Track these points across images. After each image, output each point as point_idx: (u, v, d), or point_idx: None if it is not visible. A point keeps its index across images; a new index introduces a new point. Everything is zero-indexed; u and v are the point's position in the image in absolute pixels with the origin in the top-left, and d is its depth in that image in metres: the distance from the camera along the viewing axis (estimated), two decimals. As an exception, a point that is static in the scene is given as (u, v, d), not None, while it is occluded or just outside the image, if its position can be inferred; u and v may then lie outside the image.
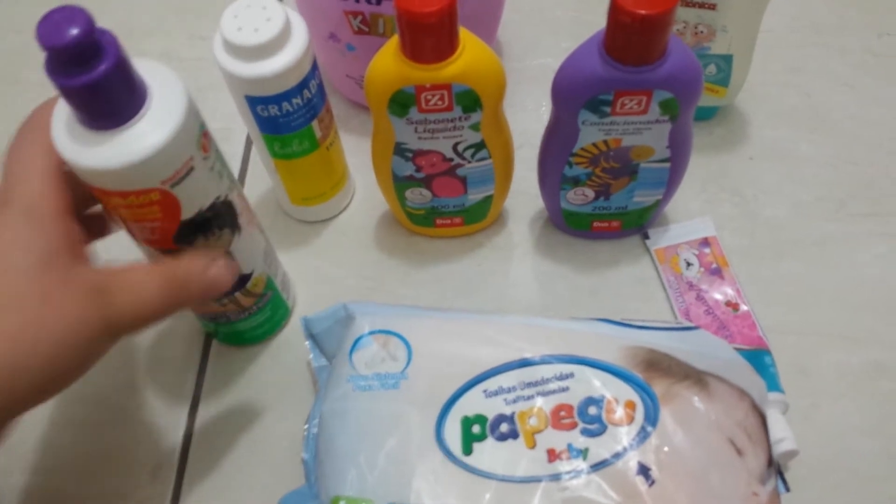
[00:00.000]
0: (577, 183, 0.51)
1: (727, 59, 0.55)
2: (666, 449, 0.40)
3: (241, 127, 0.62)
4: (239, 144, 0.63)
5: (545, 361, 0.44)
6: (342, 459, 0.42)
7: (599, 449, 0.41)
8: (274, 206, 0.59)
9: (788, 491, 0.42)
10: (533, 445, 0.41)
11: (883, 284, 0.53)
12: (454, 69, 0.42)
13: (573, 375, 0.43)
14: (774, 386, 0.47)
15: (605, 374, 0.43)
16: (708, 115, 0.60)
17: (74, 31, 0.31)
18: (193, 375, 0.53)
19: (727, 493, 0.40)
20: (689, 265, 0.53)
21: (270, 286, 0.49)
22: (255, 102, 0.47)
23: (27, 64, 0.67)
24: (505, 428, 0.42)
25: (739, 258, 0.54)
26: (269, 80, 0.45)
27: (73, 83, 0.33)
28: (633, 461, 0.40)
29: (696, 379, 0.43)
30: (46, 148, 0.36)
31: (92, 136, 0.35)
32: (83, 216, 0.40)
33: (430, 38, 0.41)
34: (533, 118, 0.62)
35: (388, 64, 0.43)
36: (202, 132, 0.39)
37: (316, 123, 0.50)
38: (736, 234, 0.55)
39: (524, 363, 0.44)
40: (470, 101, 0.44)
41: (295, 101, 0.47)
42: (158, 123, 0.35)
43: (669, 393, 0.42)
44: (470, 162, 0.49)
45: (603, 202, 0.52)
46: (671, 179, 0.50)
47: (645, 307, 0.53)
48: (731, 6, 0.51)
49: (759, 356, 0.48)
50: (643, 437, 0.41)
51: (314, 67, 0.48)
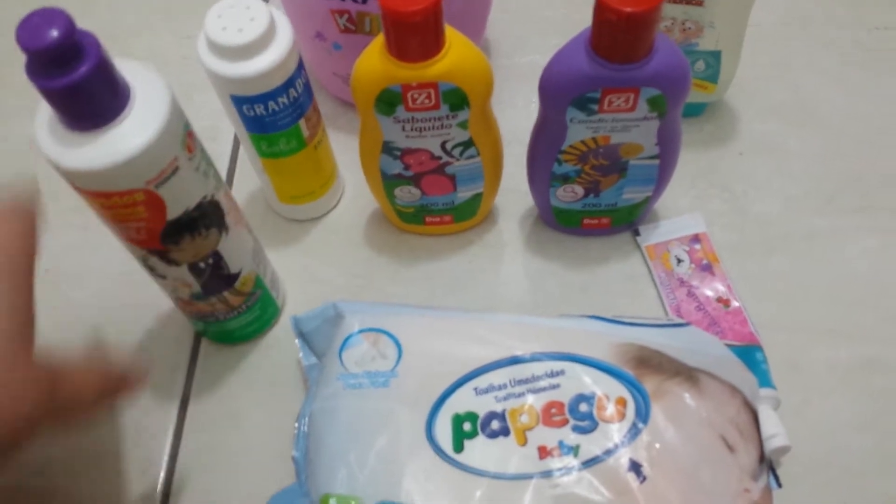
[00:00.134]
0: (566, 180, 0.51)
1: (715, 55, 0.55)
2: (657, 446, 0.40)
3: (228, 126, 0.61)
4: (227, 143, 0.62)
5: (536, 359, 0.44)
6: (332, 458, 0.42)
7: (591, 446, 0.41)
8: (263, 204, 0.59)
9: (780, 487, 0.42)
10: (524, 443, 0.41)
11: (873, 279, 0.53)
12: (440, 68, 0.42)
13: (564, 373, 0.43)
14: (766, 382, 0.47)
15: (595, 371, 0.43)
16: (697, 111, 0.60)
17: (54, 33, 0.31)
18: (183, 374, 0.52)
19: (719, 489, 0.40)
20: (679, 261, 0.53)
21: (259, 285, 0.49)
22: (240, 102, 0.46)
23: (11, 66, 0.66)
24: (496, 425, 0.42)
25: (730, 254, 0.54)
26: (253, 79, 0.45)
27: (53, 85, 0.32)
28: (624, 458, 0.40)
29: (687, 375, 0.43)
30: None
31: (75, 137, 0.35)
32: None
33: (415, 36, 0.41)
34: (522, 115, 0.61)
35: (373, 63, 0.43)
36: (186, 132, 0.38)
37: (303, 122, 0.49)
38: (726, 229, 0.55)
39: (515, 361, 0.44)
40: (457, 99, 0.44)
41: (281, 100, 0.47)
42: (142, 124, 0.35)
43: (660, 390, 0.42)
44: (458, 160, 0.49)
45: (593, 199, 0.52)
46: (661, 176, 0.50)
47: (635, 304, 0.53)
48: (718, 2, 0.51)
49: (750, 352, 0.48)
50: (634, 433, 0.41)
51: (300, 66, 0.47)
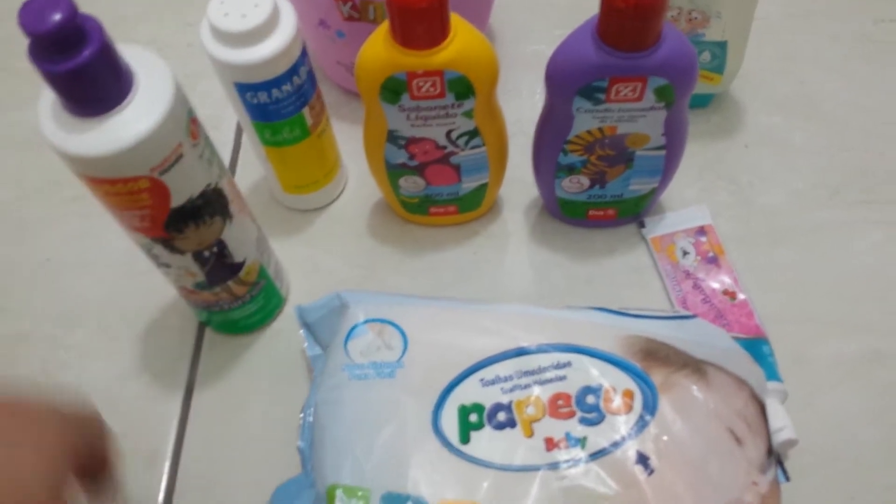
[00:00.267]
0: (571, 171, 0.50)
1: (722, 45, 0.54)
2: (665, 438, 0.40)
3: (231, 114, 0.61)
4: (229, 132, 0.62)
5: (542, 350, 0.43)
6: (338, 448, 0.42)
7: (598, 438, 0.41)
8: (266, 194, 0.58)
9: (788, 480, 0.42)
10: (531, 434, 0.41)
11: (879, 272, 0.53)
12: (446, 55, 0.42)
13: (570, 364, 0.43)
14: (773, 375, 0.47)
15: (602, 363, 0.43)
16: (703, 102, 0.60)
17: (57, 16, 0.31)
18: (187, 364, 0.52)
19: (726, 482, 0.40)
20: (685, 254, 0.53)
21: (263, 275, 0.49)
22: (244, 89, 0.46)
23: (13, 52, 0.66)
24: (502, 417, 0.42)
25: (736, 246, 0.54)
26: (257, 66, 0.44)
27: (56, 69, 0.32)
28: (631, 450, 0.40)
29: (694, 368, 0.42)
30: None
31: (78, 122, 0.34)
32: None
33: (421, 23, 0.40)
34: (527, 105, 0.61)
35: (378, 50, 0.43)
36: (190, 119, 0.38)
37: (307, 111, 0.49)
38: (732, 222, 0.55)
39: (521, 352, 0.43)
40: (463, 87, 0.44)
41: (285, 87, 0.46)
42: (146, 110, 0.35)
43: (668, 382, 0.42)
44: (463, 150, 0.49)
45: (598, 190, 0.52)
46: (667, 167, 0.50)
47: (641, 296, 0.53)
48: (726, -9, 0.51)
49: (757, 345, 0.48)
50: (642, 426, 0.41)
51: (304, 54, 0.47)
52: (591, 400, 0.42)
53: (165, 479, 0.48)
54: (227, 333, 0.53)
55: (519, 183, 0.56)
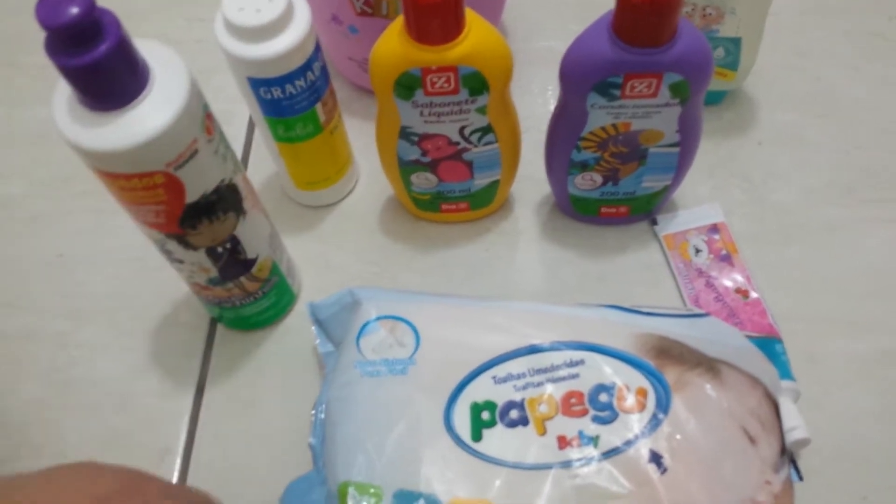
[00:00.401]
0: (584, 168, 0.50)
1: (736, 41, 0.54)
2: (678, 437, 0.40)
3: (242, 110, 0.61)
4: (241, 129, 0.62)
5: (555, 348, 0.43)
6: (350, 445, 0.42)
7: (611, 436, 0.40)
8: (277, 190, 0.58)
9: (801, 479, 0.42)
10: (543, 432, 0.41)
11: (892, 271, 0.52)
12: (461, 51, 0.42)
13: (583, 362, 0.43)
14: (786, 374, 0.46)
15: (615, 361, 0.42)
16: (716, 99, 0.59)
17: (74, 10, 0.31)
18: (198, 360, 0.52)
19: (740, 481, 0.40)
20: (698, 251, 0.53)
21: (276, 271, 0.49)
22: (257, 84, 0.46)
23: (23, 47, 0.66)
24: (515, 414, 0.42)
25: (749, 244, 0.53)
26: (272, 61, 0.44)
27: (73, 63, 0.32)
28: (644, 449, 0.40)
29: (708, 366, 0.42)
30: None
31: (94, 117, 0.34)
32: None
33: (436, 18, 0.40)
34: (539, 102, 0.61)
35: (393, 46, 0.42)
36: (206, 114, 0.38)
37: (320, 106, 0.49)
38: (745, 219, 0.55)
39: (533, 350, 0.43)
40: (477, 83, 0.43)
41: (298, 83, 0.46)
42: (162, 105, 0.35)
43: (681, 380, 0.42)
44: (476, 146, 0.48)
45: (611, 187, 0.51)
46: (680, 164, 0.50)
47: (653, 294, 0.53)
48: (741, -12, 0.50)
49: (769, 344, 0.48)
50: (655, 424, 0.40)
51: (317, 49, 0.47)
52: (604, 398, 0.42)
53: (176, 475, 0.48)
54: (238, 330, 0.53)
55: (530, 180, 0.56)
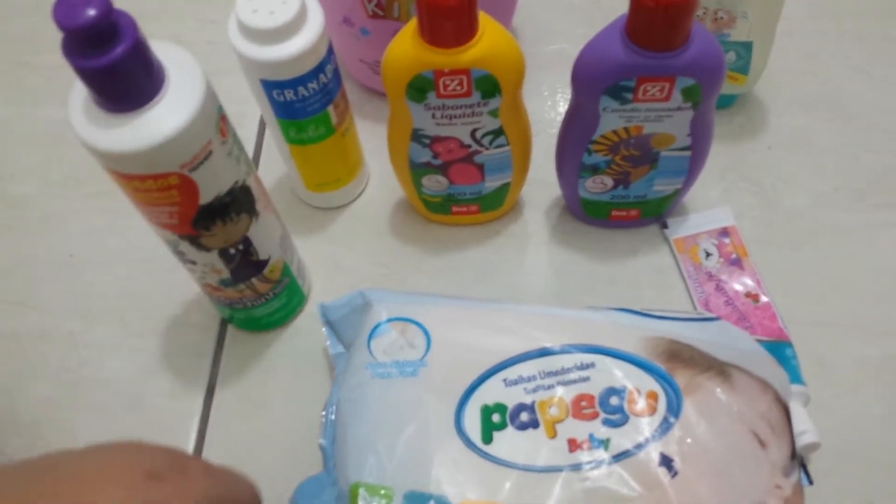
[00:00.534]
0: (595, 171, 0.50)
1: (747, 45, 0.54)
2: (689, 440, 0.40)
3: (253, 112, 0.61)
4: (251, 131, 0.62)
5: (565, 351, 0.43)
6: (361, 446, 0.42)
7: (621, 439, 0.40)
8: (288, 191, 0.58)
9: (811, 484, 0.42)
10: (554, 435, 0.41)
11: (903, 275, 0.52)
12: (474, 53, 0.42)
13: (594, 365, 0.43)
14: (796, 378, 0.46)
15: (626, 364, 0.42)
16: (727, 103, 0.59)
17: (92, 11, 0.31)
18: (209, 361, 0.52)
19: (750, 485, 0.40)
20: (708, 255, 0.53)
21: (287, 273, 0.49)
22: (270, 87, 0.46)
23: (33, 47, 0.66)
24: (525, 417, 0.42)
25: (759, 248, 0.53)
26: (285, 63, 0.44)
27: (90, 65, 0.32)
28: (655, 452, 0.40)
29: (718, 370, 0.42)
30: None
31: (110, 118, 0.34)
32: None
33: (450, 21, 0.40)
34: (549, 105, 0.61)
35: (406, 48, 0.43)
36: (220, 116, 0.38)
37: (332, 108, 0.49)
38: (755, 223, 0.55)
39: (544, 352, 0.43)
40: (489, 86, 0.43)
41: (311, 85, 0.46)
42: (177, 106, 0.35)
43: (692, 384, 0.42)
44: (488, 149, 0.48)
45: (622, 191, 0.51)
46: (691, 168, 0.50)
47: (663, 297, 0.53)
48: (753, -9, 0.50)
49: (780, 348, 0.48)
50: (666, 428, 0.40)
51: (330, 51, 0.47)
52: (614, 401, 0.42)
53: (187, 475, 0.48)
54: (249, 331, 0.53)
55: (540, 183, 0.56)
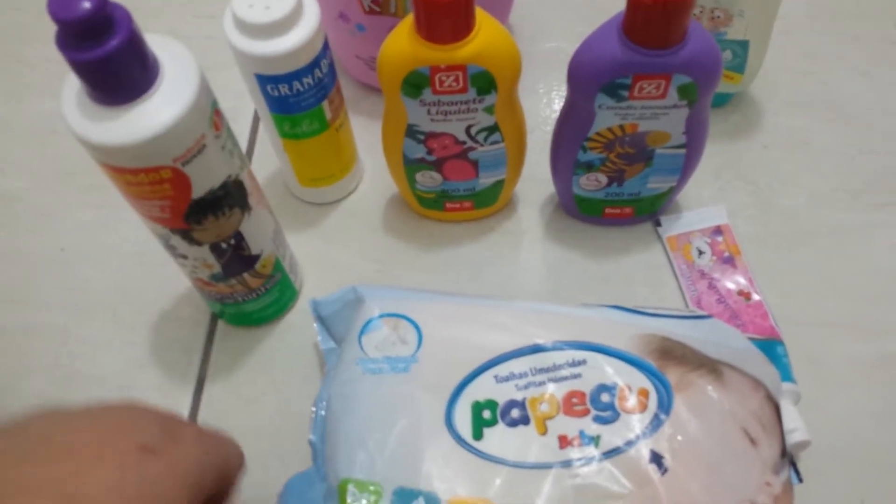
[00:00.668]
0: (590, 168, 0.50)
1: (743, 44, 0.54)
2: (679, 437, 0.40)
3: (247, 107, 0.61)
4: (245, 125, 0.62)
5: (557, 348, 0.43)
6: (351, 442, 0.42)
7: (612, 436, 0.40)
8: (281, 186, 0.58)
9: (801, 482, 0.42)
10: (544, 432, 0.41)
11: (894, 274, 0.52)
12: (470, 50, 0.42)
13: (586, 362, 0.43)
14: (787, 376, 0.46)
15: (618, 361, 0.42)
16: (722, 101, 0.59)
17: (87, 4, 0.31)
18: (198, 356, 0.52)
19: (740, 482, 0.40)
20: (701, 253, 0.53)
21: (279, 268, 0.49)
22: (265, 81, 0.46)
23: (28, 41, 0.66)
24: (516, 414, 0.42)
25: (752, 247, 0.53)
26: (280, 58, 0.44)
27: (84, 57, 0.32)
28: (645, 449, 0.40)
29: (710, 368, 0.42)
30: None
31: (103, 111, 0.34)
32: None
33: (446, 17, 0.40)
34: (544, 102, 0.61)
35: (402, 44, 0.42)
36: (214, 110, 0.38)
37: (326, 104, 0.49)
38: (749, 222, 0.55)
39: (536, 349, 0.43)
40: (485, 82, 0.43)
41: (306, 80, 0.46)
42: (171, 100, 0.35)
43: (683, 381, 0.42)
44: (482, 145, 0.48)
45: (616, 188, 0.51)
46: (686, 166, 0.50)
47: (656, 295, 0.53)
48: (749, -10, 0.50)
49: (771, 346, 0.48)
50: (656, 425, 0.40)
51: (325, 46, 0.47)
52: (605, 398, 0.42)
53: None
54: (239, 326, 0.53)
55: (534, 180, 0.56)
